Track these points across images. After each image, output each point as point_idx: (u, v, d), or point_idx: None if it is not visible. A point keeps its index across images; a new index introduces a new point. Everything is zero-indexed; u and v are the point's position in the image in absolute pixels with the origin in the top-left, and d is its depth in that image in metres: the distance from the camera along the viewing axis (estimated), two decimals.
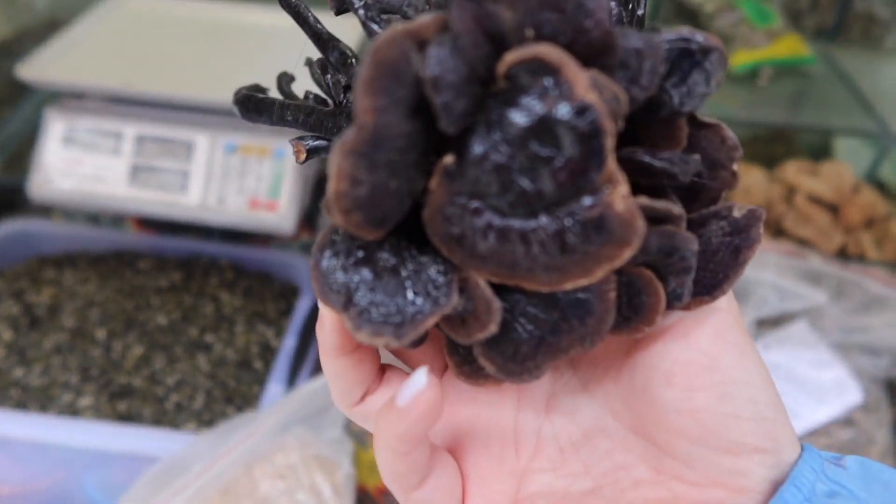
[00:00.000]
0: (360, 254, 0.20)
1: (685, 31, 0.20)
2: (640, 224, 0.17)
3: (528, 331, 0.21)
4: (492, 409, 0.26)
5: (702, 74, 0.20)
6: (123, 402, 0.73)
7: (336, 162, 0.17)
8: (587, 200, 0.17)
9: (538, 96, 0.17)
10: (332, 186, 0.18)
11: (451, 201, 0.19)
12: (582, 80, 0.17)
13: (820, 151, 1.20)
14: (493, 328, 0.20)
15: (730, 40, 1.28)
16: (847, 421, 0.75)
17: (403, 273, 0.19)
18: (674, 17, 1.43)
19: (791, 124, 1.25)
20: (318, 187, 0.88)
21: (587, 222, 0.17)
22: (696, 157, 0.20)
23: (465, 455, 0.25)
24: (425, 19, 0.18)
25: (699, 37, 0.20)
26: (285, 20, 0.25)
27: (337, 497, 0.63)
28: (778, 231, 1.00)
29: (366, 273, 0.19)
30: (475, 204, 0.18)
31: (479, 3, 0.17)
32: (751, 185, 1.02)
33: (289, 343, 0.76)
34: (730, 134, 0.21)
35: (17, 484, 0.70)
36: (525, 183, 0.18)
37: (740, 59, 1.25)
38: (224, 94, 0.81)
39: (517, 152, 0.17)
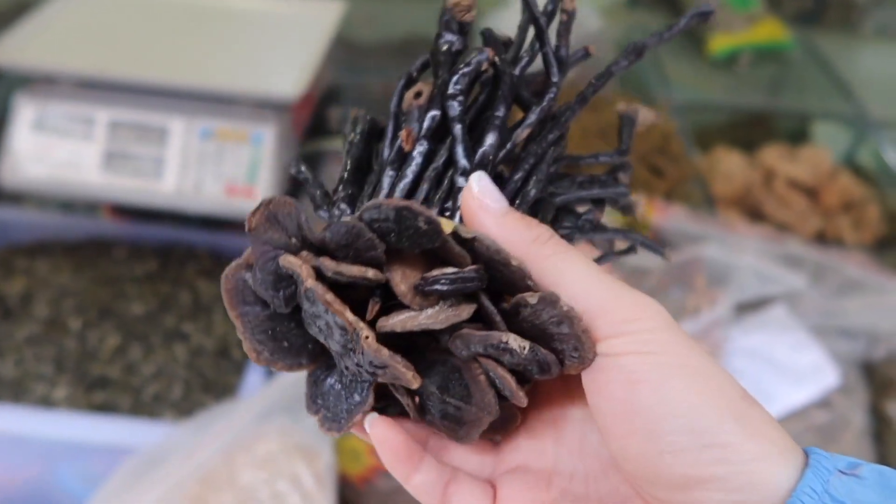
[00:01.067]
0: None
1: (382, 206, 0.27)
2: (384, 352, 0.25)
3: (437, 408, 0.29)
4: (535, 456, 0.29)
5: (412, 226, 0.26)
6: (100, 393, 0.72)
7: (242, 340, 0.29)
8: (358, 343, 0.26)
9: (298, 283, 0.27)
10: (247, 354, 0.29)
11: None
12: (306, 271, 0.26)
13: (798, 136, 1.21)
14: (413, 409, 0.29)
15: (710, 25, 1.28)
16: (824, 403, 0.76)
17: (344, 391, 0.30)
18: (654, 4, 1.43)
19: (770, 109, 1.26)
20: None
21: (364, 354, 0.26)
22: (474, 267, 0.26)
23: (504, 482, 0.29)
24: (248, 252, 0.28)
25: (387, 206, 0.27)
26: (259, 4, 0.25)
27: (318, 485, 0.62)
28: (757, 215, 1.00)
29: (325, 393, 0.30)
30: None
31: (261, 240, 0.27)
32: (730, 170, 1.02)
33: None
34: (488, 241, 0.27)
35: None
36: (325, 336, 0.27)
37: (720, 43, 1.25)
38: (199, 78, 0.80)
39: (312, 317, 0.27)
